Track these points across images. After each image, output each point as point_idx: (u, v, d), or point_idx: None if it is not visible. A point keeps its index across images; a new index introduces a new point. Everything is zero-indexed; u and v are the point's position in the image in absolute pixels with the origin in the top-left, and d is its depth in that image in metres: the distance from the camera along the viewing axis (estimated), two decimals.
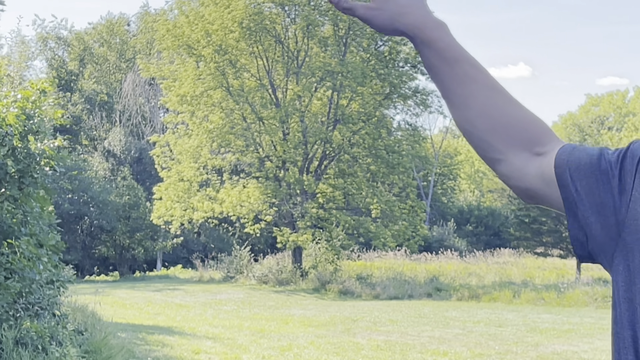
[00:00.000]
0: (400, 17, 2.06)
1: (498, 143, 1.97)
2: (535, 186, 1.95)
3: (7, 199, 15.01)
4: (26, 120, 15.28)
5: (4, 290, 14.01)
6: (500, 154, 1.97)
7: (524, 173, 1.95)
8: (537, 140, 1.96)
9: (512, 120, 1.98)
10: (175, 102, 40.10)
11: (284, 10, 39.25)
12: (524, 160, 1.95)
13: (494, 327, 22.91)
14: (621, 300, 1.82)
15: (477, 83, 2.00)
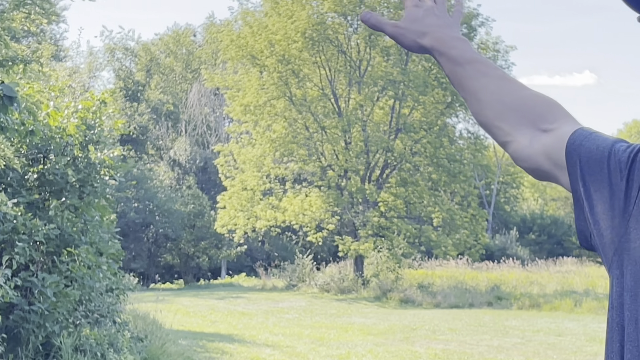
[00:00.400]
0: (424, 36, 2.19)
1: (506, 125, 2.03)
2: (543, 166, 1.98)
3: (67, 208, 15.29)
4: (86, 131, 15.57)
5: (64, 298, 14.24)
6: (509, 136, 2.03)
7: (530, 150, 1.99)
8: (543, 116, 2.01)
9: (518, 101, 2.04)
10: (238, 112, 40.42)
11: (346, 20, 39.40)
12: (529, 137, 1.99)
13: (553, 336, 22.78)
14: (614, 304, 1.84)
15: (487, 76, 2.09)
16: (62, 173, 15.01)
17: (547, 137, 1.96)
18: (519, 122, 2.01)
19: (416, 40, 2.21)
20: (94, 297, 15.88)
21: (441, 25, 2.21)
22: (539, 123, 1.99)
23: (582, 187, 1.88)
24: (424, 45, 2.20)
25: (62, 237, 14.83)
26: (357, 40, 39.46)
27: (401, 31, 2.23)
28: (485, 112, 2.07)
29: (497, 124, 2.05)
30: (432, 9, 2.25)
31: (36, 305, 13.84)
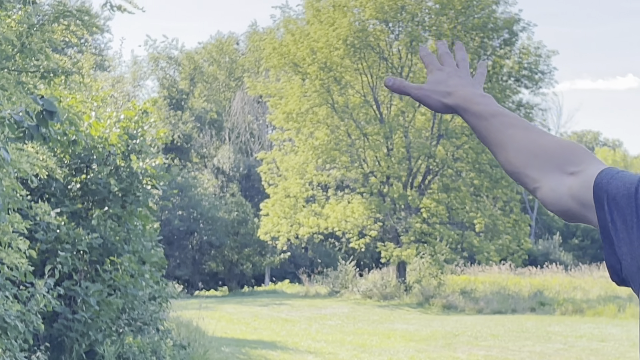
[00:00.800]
0: (448, 95, 2.29)
1: (534, 172, 2.08)
2: (571, 207, 2.00)
3: (110, 217, 15.48)
4: (129, 140, 15.74)
5: (107, 306, 14.41)
6: (537, 182, 2.07)
7: (558, 194, 2.02)
8: (569, 160, 2.04)
9: (544, 148, 2.09)
10: (281, 120, 40.62)
11: (387, 27, 39.48)
12: (556, 180, 2.03)
13: (596, 341, 22.68)
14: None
15: (512, 127, 2.15)
16: (105, 182, 15.18)
17: (574, 179, 2.00)
18: (546, 167, 2.06)
19: (441, 100, 2.30)
20: (136, 305, 16.04)
21: (464, 84, 2.32)
22: (565, 167, 2.03)
23: (610, 223, 1.90)
24: (448, 105, 2.29)
25: (105, 246, 15.01)
26: (399, 47, 39.54)
27: (426, 93, 2.33)
28: (513, 161, 2.12)
29: (525, 172, 2.10)
30: (455, 71, 2.37)
31: (80, 313, 14.03)
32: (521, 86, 39.80)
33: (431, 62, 2.41)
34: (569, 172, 2.02)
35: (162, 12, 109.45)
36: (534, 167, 2.08)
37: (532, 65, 39.45)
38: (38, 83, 10.81)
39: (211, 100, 60.52)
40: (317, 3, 40.33)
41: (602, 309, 31.28)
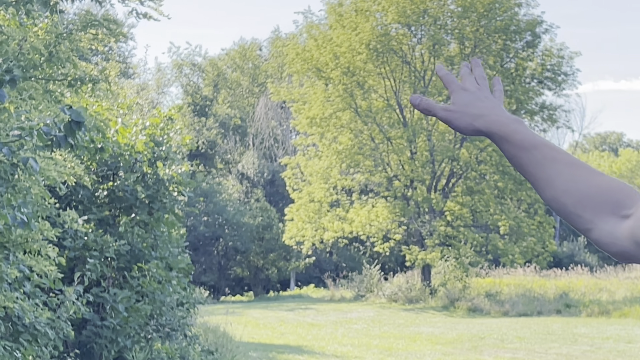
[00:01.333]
0: (479, 118, 2.18)
1: (586, 213, 2.01)
2: (628, 248, 1.96)
3: (137, 224, 15.60)
4: (155, 147, 15.85)
5: (135, 313, 14.52)
6: (590, 223, 2.00)
7: (614, 237, 1.97)
8: (622, 203, 1.98)
9: (595, 189, 2.02)
10: (305, 125, 40.71)
11: (410, 31, 39.53)
12: (612, 224, 1.97)
13: (623, 343, 22.65)
14: None
15: (557, 162, 2.07)
16: (132, 190, 15.31)
17: (630, 221, 1.94)
18: (599, 209, 1.99)
19: (472, 123, 2.19)
20: (164, 311, 16.16)
21: (494, 107, 2.21)
22: (618, 210, 1.97)
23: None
24: (479, 129, 2.19)
25: (133, 253, 15.14)
26: (421, 50, 39.56)
27: (455, 115, 2.21)
28: (562, 200, 2.05)
29: (576, 212, 2.03)
30: (480, 92, 2.26)
31: (108, 320, 14.15)
32: (544, 88, 39.77)
33: (452, 82, 2.29)
34: (622, 215, 1.96)
35: (186, 19, 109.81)
36: (586, 208, 2.01)
37: (555, 66, 39.41)
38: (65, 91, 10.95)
39: (235, 106, 60.68)
40: (339, 8, 40.43)
41: (629, 310, 31.19)
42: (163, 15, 11.33)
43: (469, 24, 38.49)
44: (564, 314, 32.50)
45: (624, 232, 1.94)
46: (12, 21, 10.18)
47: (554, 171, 2.06)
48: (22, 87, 9.67)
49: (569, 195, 2.03)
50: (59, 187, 10.74)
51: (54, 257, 10.42)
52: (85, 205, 15.24)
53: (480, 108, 2.19)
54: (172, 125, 16.72)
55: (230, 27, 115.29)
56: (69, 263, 13.82)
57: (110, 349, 14.12)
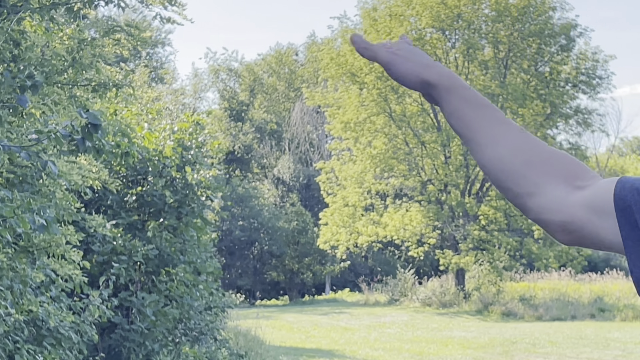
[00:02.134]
0: (428, 68, 2.02)
1: (535, 175, 1.88)
2: (578, 217, 1.82)
3: (166, 229, 15.70)
4: (183, 152, 15.95)
5: (163, 317, 14.60)
6: (535, 187, 1.87)
7: (564, 204, 1.84)
8: (576, 174, 1.88)
9: (548, 154, 1.91)
10: (339, 129, 40.80)
11: (444, 35, 39.51)
12: (562, 191, 1.85)
13: None
14: None
15: (508, 124, 1.97)
16: (160, 194, 15.40)
17: (584, 191, 1.84)
18: (550, 174, 1.88)
19: (419, 72, 2.01)
20: (192, 315, 16.25)
21: (439, 64, 2.06)
22: (572, 180, 1.87)
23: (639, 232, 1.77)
24: (427, 79, 2.01)
25: (161, 257, 15.23)
26: (455, 55, 39.53)
27: (400, 60, 2.04)
28: (509, 158, 1.91)
29: (522, 172, 1.89)
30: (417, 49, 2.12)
31: (136, 324, 14.25)
32: (579, 92, 39.58)
33: (385, 43, 2.12)
34: (577, 185, 1.85)
35: (222, 24, 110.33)
36: (535, 169, 1.89)
37: (590, 70, 39.21)
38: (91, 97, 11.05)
39: (271, 111, 60.84)
40: (373, 13, 40.47)
41: None
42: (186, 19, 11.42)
43: (503, 28, 38.40)
44: (598, 319, 32.32)
45: (577, 201, 1.83)
46: (39, 27, 10.31)
47: (503, 130, 1.96)
48: (45, 93, 9.78)
49: (518, 154, 1.91)
50: (84, 191, 10.84)
51: (79, 261, 10.51)
52: (114, 210, 15.36)
53: (427, 58, 2.06)
54: (201, 130, 16.79)
55: (267, 33, 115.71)
56: (98, 267, 13.95)
57: (138, 352, 14.22)
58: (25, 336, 10.05)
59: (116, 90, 11.02)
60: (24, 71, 9.06)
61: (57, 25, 10.33)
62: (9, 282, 9.06)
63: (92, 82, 10.61)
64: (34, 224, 7.37)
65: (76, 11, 10.20)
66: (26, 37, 9.81)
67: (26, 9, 9.89)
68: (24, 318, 9.72)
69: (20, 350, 9.69)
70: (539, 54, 38.90)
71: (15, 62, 9.60)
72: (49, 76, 9.95)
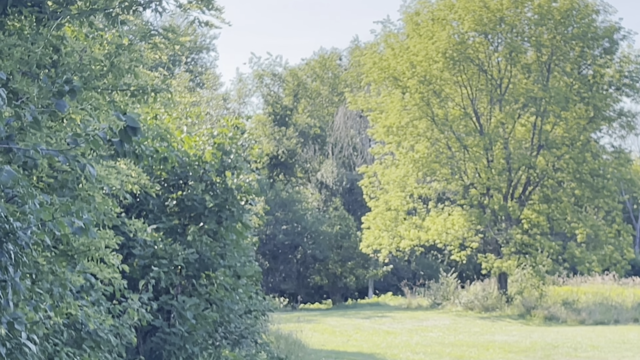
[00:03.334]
0: None
1: None
2: None
3: (206, 233, 15.81)
4: (223, 156, 16.06)
5: (203, 320, 14.71)
6: None
7: None
8: None
9: None
10: (381, 133, 40.82)
11: (487, 39, 39.41)
12: None
13: None
14: None
15: None
16: (200, 199, 15.52)
17: None
18: None
19: None
20: (232, 318, 16.36)
21: None
22: None
23: None
24: None
25: (201, 261, 15.34)
26: (498, 58, 39.43)
27: None
28: None
29: None
30: None
31: (177, 327, 14.38)
32: (622, 94, 39.31)
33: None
34: None
35: (267, 29, 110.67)
36: None
37: (633, 73, 38.93)
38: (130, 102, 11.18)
39: (314, 115, 60.84)
40: (416, 17, 40.49)
41: None
42: (225, 23, 11.53)
43: (546, 31, 38.28)
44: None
45: None
46: (79, 33, 10.47)
47: None
48: (83, 98, 9.91)
49: None
50: (124, 196, 10.97)
51: (118, 265, 10.62)
52: (155, 214, 15.49)
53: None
54: (241, 135, 16.88)
55: (311, 37, 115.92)
56: (140, 271, 14.09)
57: (179, 355, 14.33)
58: (64, 339, 10.19)
59: (155, 95, 11.13)
60: (62, 76, 9.21)
61: (96, 30, 10.48)
62: (48, 285, 9.19)
63: (131, 87, 10.74)
64: (72, 227, 7.48)
65: (114, 17, 10.35)
66: (65, 43, 9.97)
67: (65, 15, 10.05)
68: (64, 321, 9.84)
69: (59, 353, 9.82)
70: (582, 57, 38.71)
71: (55, 68, 9.75)
72: (88, 81, 10.08)
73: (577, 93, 38.12)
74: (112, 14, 10.42)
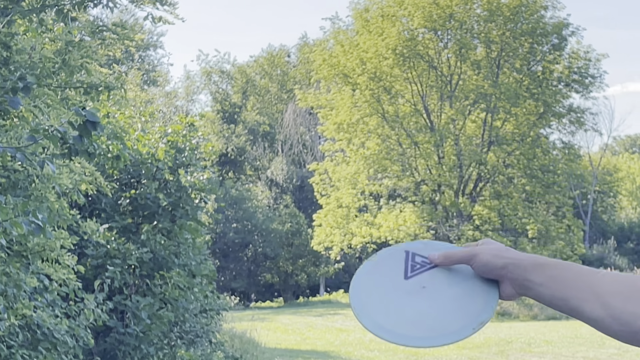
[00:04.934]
0: (508, 250, 1.93)
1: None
2: None
3: (160, 232, 15.63)
4: (177, 154, 15.89)
5: (158, 320, 14.54)
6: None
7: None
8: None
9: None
10: (332, 130, 40.75)
11: (436, 35, 39.49)
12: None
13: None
14: None
15: (593, 273, 1.87)
16: (154, 197, 15.33)
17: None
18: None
19: (503, 254, 1.93)
20: (188, 318, 16.21)
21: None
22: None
23: None
24: (513, 257, 1.91)
25: (155, 260, 15.15)
26: (448, 55, 39.53)
27: (481, 249, 1.95)
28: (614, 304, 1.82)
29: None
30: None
31: (131, 327, 14.19)
32: (572, 90, 39.66)
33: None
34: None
35: (214, 27, 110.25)
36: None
37: (582, 69, 39.29)
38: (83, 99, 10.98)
39: (264, 112, 60.68)
40: (366, 14, 40.46)
41: None
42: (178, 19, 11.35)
43: (495, 27, 38.45)
44: None
45: None
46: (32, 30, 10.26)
47: (597, 279, 1.86)
48: (36, 95, 9.72)
49: (617, 296, 1.84)
50: (78, 196, 10.77)
51: (73, 266, 10.43)
52: (108, 213, 15.28)
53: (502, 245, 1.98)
54: (195, 132, 16.71)
55: (259, 35, 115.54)
56: (93, 271, 13.88)
57: (134, 356, 14.15)
58: (20, 341, 9.98)
59: (108, 92, 10.93)
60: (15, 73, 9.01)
61: (45, 27, 10.27)
62: (2, 286, 9.01)
63: (84, 84, 10.54)
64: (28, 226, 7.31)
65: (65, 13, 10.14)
66: (16, 41, 9.76)
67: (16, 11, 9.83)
68: (19, 323, 9.66)
69: (14, 355, 9.62)
70: (532, 53, 38.96)
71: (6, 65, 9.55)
72: (40, 78, 9.88)
73: (526, 89, 38.36)
74: (64, 10, 10.22)
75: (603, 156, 69.78)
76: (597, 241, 57.42)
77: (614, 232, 59.51)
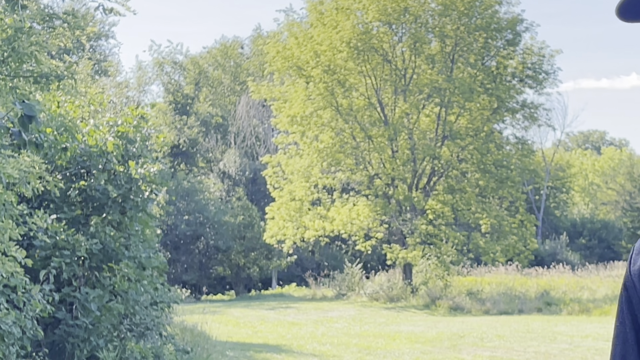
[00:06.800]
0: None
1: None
2: None
3: (109, 223, 15.44)
4: (127, 145, 15.69)
5: (108, 312, 14.38)
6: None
7: None
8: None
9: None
10: (285, 123, 40.59)
11: (391, 29, 39.45)
12: None
13: (602, 341, 22.59)
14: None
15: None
16: (103, 189, 15.14)
17: None
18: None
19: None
20: (138, 310, 16.01)
21: None
22: None
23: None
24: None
25: (105, 252, 14.98)
26: (402, 49, 39.52)
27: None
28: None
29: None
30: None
31: (80, 319, 14.00)
32: (525, 86, 39.77)
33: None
34: None
35: (167, 17, 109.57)
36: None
37: (536, 65, 39.44)
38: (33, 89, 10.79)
39: (216, 104, 60.47)
40: (320, 6, 40.36)
41: (609, 308, 31.16)
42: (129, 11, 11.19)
43: (449, 22, 38.49)
44: (544, 312, 32.51)
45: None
46: None
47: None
48: None
49: None
50: (25, 188, 10.58)
51: (21, 259, 10.26)
52: (57, 204, 15.08)
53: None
54: (145, 123, 16.51)
55: (212, 25, 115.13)
56: (40, 262, 13.68)
57: (83, 348, 13.97)
58: None
59: (58, 82, 10.74)
60: None
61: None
62: None
63: (34, 74, 10.37)
64: None
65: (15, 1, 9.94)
66: None
67: None
68: None
69: None
70: (486, 49, 39.06)
71: None
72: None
73: (480, 84, 38.44)
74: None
75: (556, 152, 70.33)
76: (549, 237, 57.84)
77: (566, 228, 60.04)
